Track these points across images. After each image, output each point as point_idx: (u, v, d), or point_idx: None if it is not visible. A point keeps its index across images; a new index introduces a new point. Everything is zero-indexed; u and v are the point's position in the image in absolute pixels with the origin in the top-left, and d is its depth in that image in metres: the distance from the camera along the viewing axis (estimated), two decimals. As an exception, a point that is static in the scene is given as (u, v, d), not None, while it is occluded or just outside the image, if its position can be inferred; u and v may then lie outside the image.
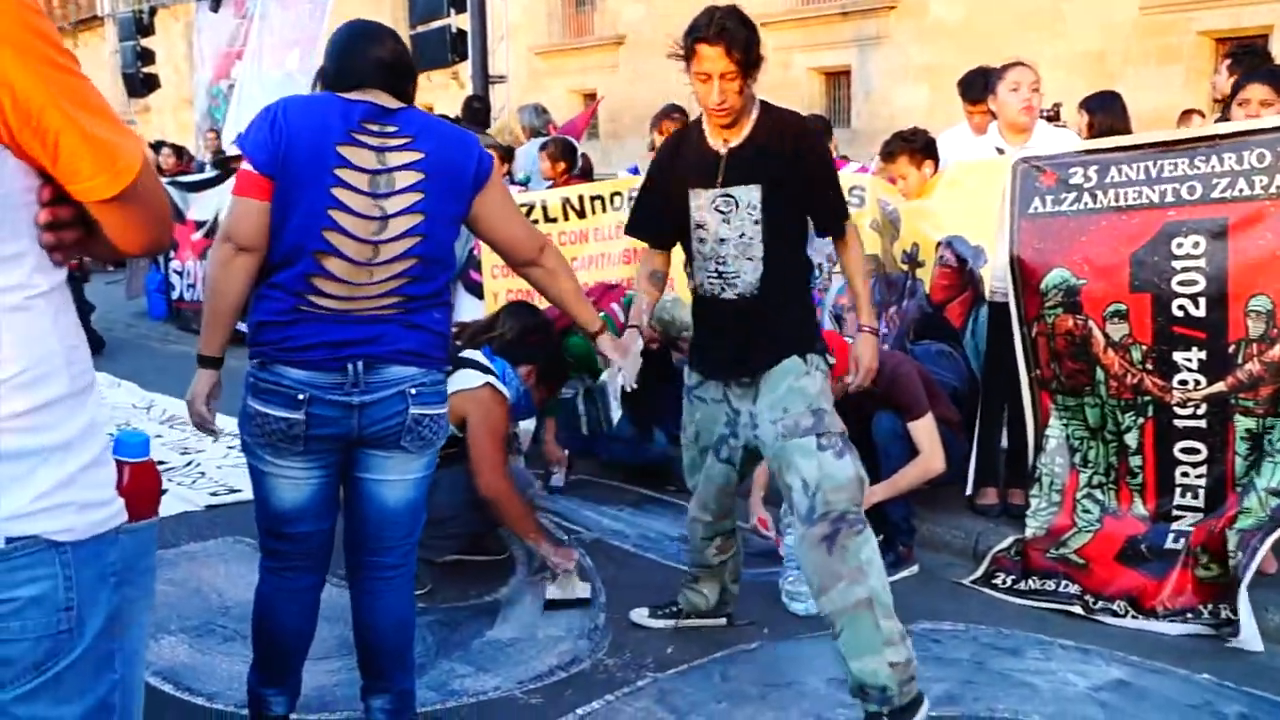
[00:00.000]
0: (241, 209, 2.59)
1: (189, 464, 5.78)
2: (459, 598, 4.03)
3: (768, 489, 4.45)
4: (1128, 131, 4.73)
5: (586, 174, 7.77)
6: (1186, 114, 8.51)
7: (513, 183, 7.20)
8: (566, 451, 5.46)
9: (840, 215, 3.28)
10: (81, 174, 1.35)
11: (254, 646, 2.92)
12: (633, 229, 3.59)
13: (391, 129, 2.63)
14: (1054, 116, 5.66)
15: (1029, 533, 4.10)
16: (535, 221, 6.32)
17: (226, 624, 3.76)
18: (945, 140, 5.20)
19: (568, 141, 7.47)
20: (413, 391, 2.67)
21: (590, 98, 18.29)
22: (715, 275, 3.20)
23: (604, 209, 6.19)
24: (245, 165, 2.60)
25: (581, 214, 6.25)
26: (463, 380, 3.85)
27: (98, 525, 1.48)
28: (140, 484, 1.63)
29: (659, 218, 3.39)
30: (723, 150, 3.15)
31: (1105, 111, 5.08)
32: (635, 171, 6.80)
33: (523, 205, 6.36)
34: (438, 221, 2.66)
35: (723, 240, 3.15)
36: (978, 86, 5.14)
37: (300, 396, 2.62)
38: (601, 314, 5.27)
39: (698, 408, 3.42)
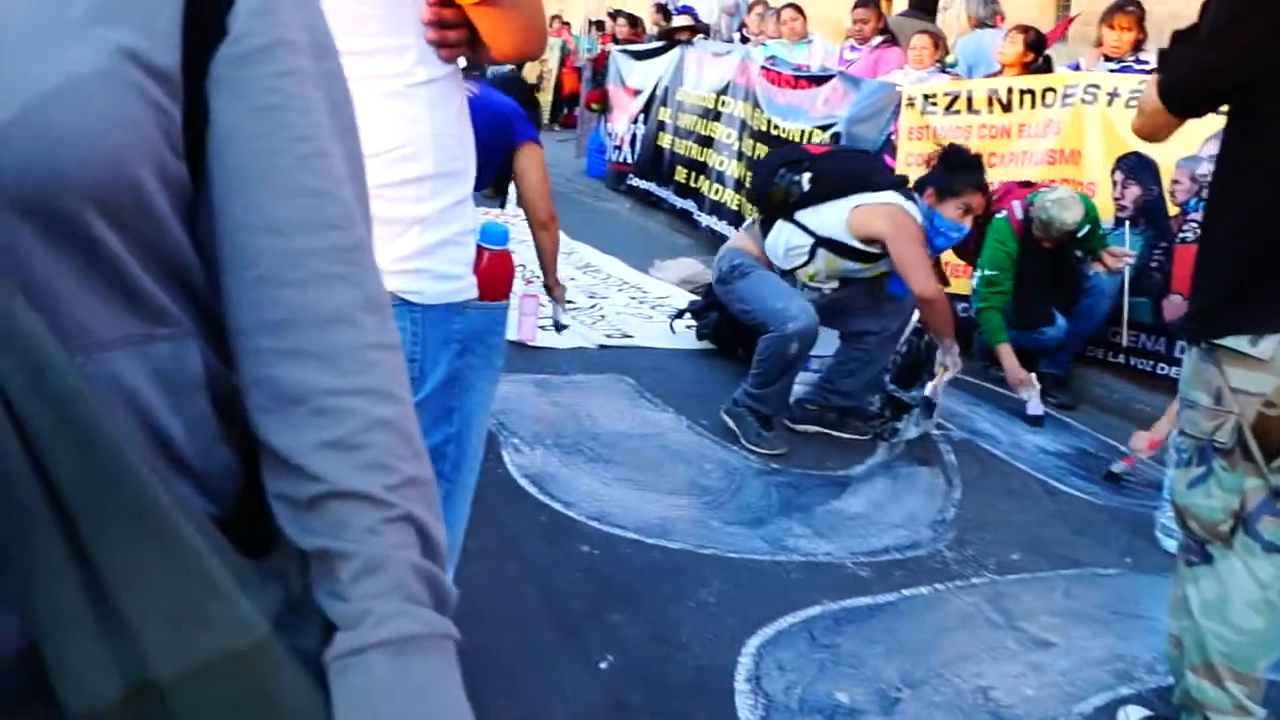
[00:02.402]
0: None
1: (594, 306, 6.17)
2: (814, 466, 4.08)
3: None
4: None
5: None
6: None
7: (943, 70, 6.89)
8: (1033, 375, 5.00)
9: None
10: None
11: None
12: None
13: None
14: None
15: None
16: (957, 111, 6.07)
17: (594, 447, 4.04)
18: None
19: (1042, 34, 6.96)
20: None
21: (1064, 4, 17.00)
22: None
23: (1033, 105, 5.80)
24: None
25: (1007, 108, 5.90)
26: (863, 198, 4.07)
27: (448, 295, 1.63)
28: (495, 269, 1.76)
29: None
30: None
31: None
32: (1075, 68, 6.29)
33: (947, 93, 6.14)
34: None
35: None
36: None
37: None
38: (1001, 212, 5.03)
39: None
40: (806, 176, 4.22)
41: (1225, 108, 2.24)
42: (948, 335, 4.12)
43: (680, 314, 5.60)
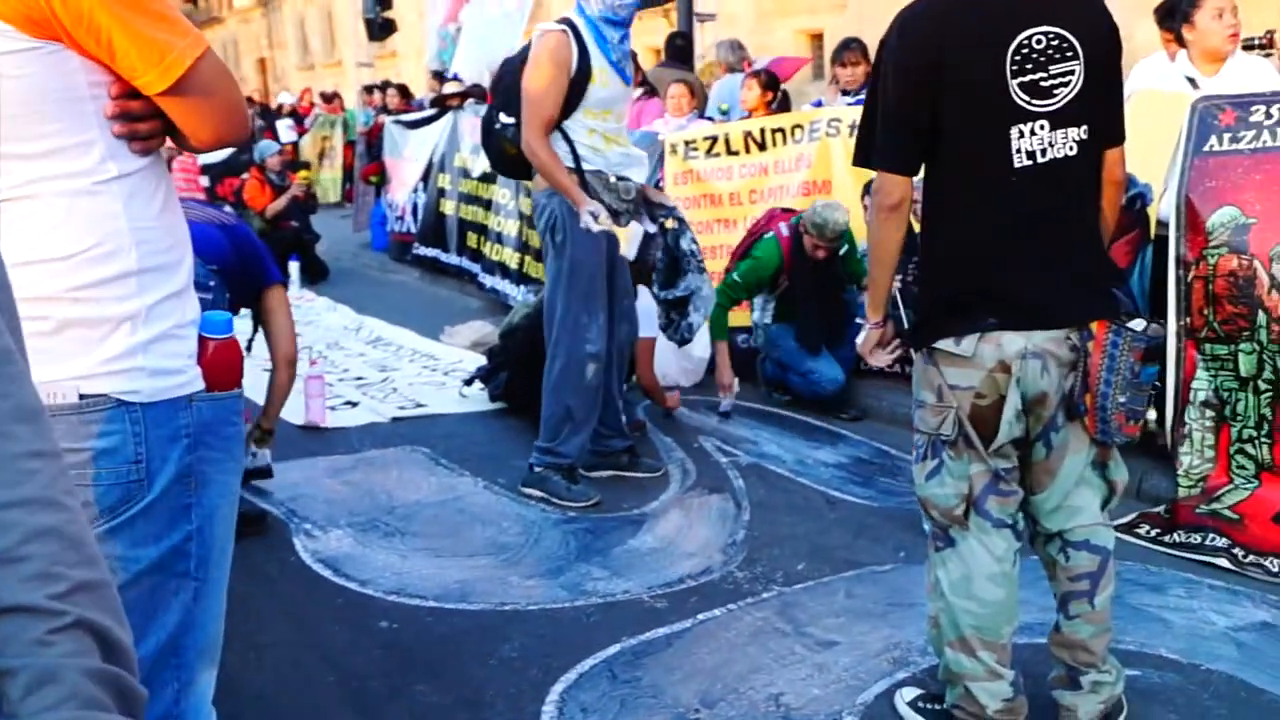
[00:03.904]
0: None
1: (384, 380, 6.18)
2: (609, 509, 4.19)
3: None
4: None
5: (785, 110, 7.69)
6: None
7: (700, 117, 7.22)
8: (736, 379, 5.50)
9: None
10: (136, 70, 1.51)
11: None
12: None
13: None
14: (1268, 44, 5.23)
15: (1181, 492, 3.86)
16: (717, 155, 6.37)
17: (390, 521, 4.06)
18: (1140, 69, 4.91)
19: (773, 74, 7.40)
20: None
21: (817, 38, 17.91)
22: None
23: (784, 141, 6.16)
24: None
25: (763, 146, 6.24)
26: None
27: (169, 390, 1.63)
28: (221, 358, 1.73)
29: None
30: None
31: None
32: (819, 104, 6.71)
33: (706, 138, 6.43)
34: None
35: None
36: (1173, 12, 4.82)
37: None
38: (769, 233, 5.33)
39: None
40: None
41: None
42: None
43: (470, 380, 5.66)
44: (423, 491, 4.39)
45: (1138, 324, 2.35)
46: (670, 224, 4.38)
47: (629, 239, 4.29)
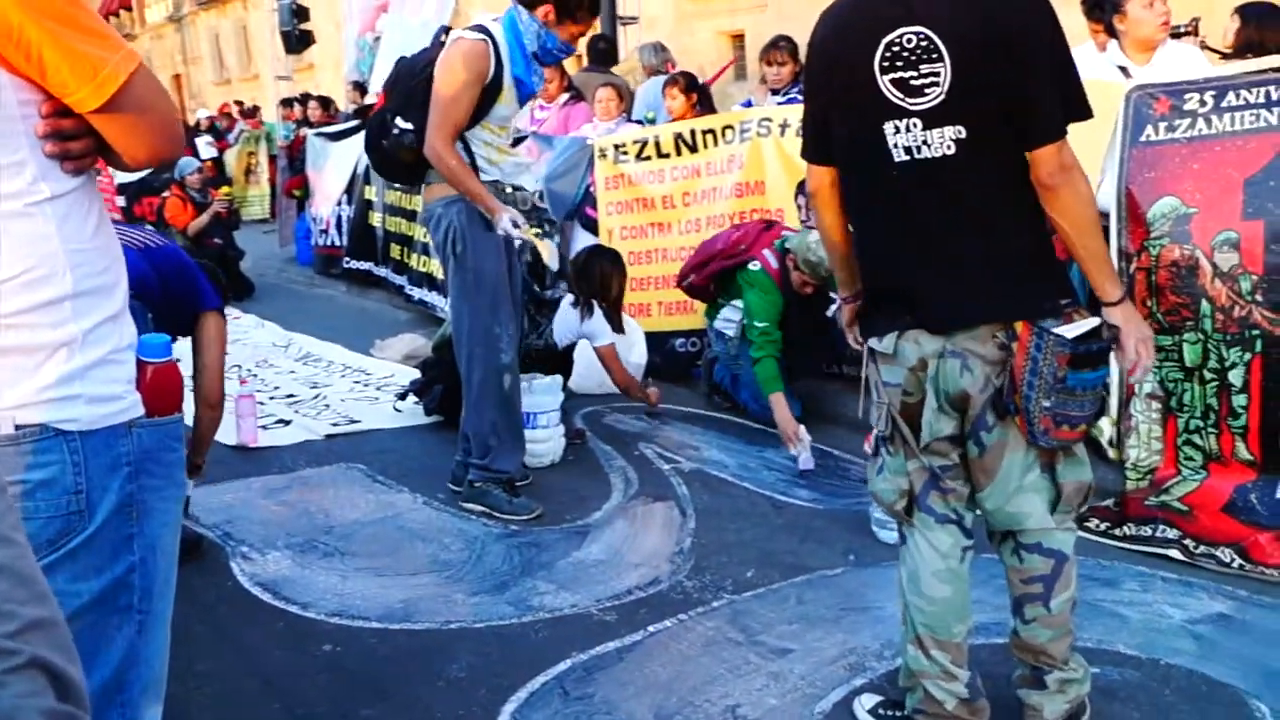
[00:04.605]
0: None
1: (316, 397, 6.03)
2: (553, 520, 4.12)
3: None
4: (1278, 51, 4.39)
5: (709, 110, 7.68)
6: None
7: (629, 120, 7.18)
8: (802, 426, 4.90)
9: None
10: (68, 87, 1.43)
11: None
12: None
13: None
14: (1192, 32, 5.32)
15: (1129, 485, 3.89)
16: (648, 158, 6.33)
17: (329, 541, 3.94)
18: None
19: (692, 75, 7.39)
20: None
21: (738, 39, 17.99)
22: None
23: (715, 143, 6.14)
24: None
25: (694, 148, 6.21)
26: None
27: (109, 417, 1.56)
28: (160, 382, 1.68)
29: None
30: None
31: (1259, 25, 4.71)
32: (749, 104, 6.71)
33: (636, 141, 6.38)
34: None
35: None
36: (1102, 3, 4.88)
37: None
38: (754, 262, 5.13)
39: None
40: None
41: None
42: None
43: (404, 394, 5.55)
44: (361, 509, 4.28)
45: (1073, 328, 2.30)
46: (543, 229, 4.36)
47: (550, 251, 4.25)
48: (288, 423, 5.49)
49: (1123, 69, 4.48)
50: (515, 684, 2.91)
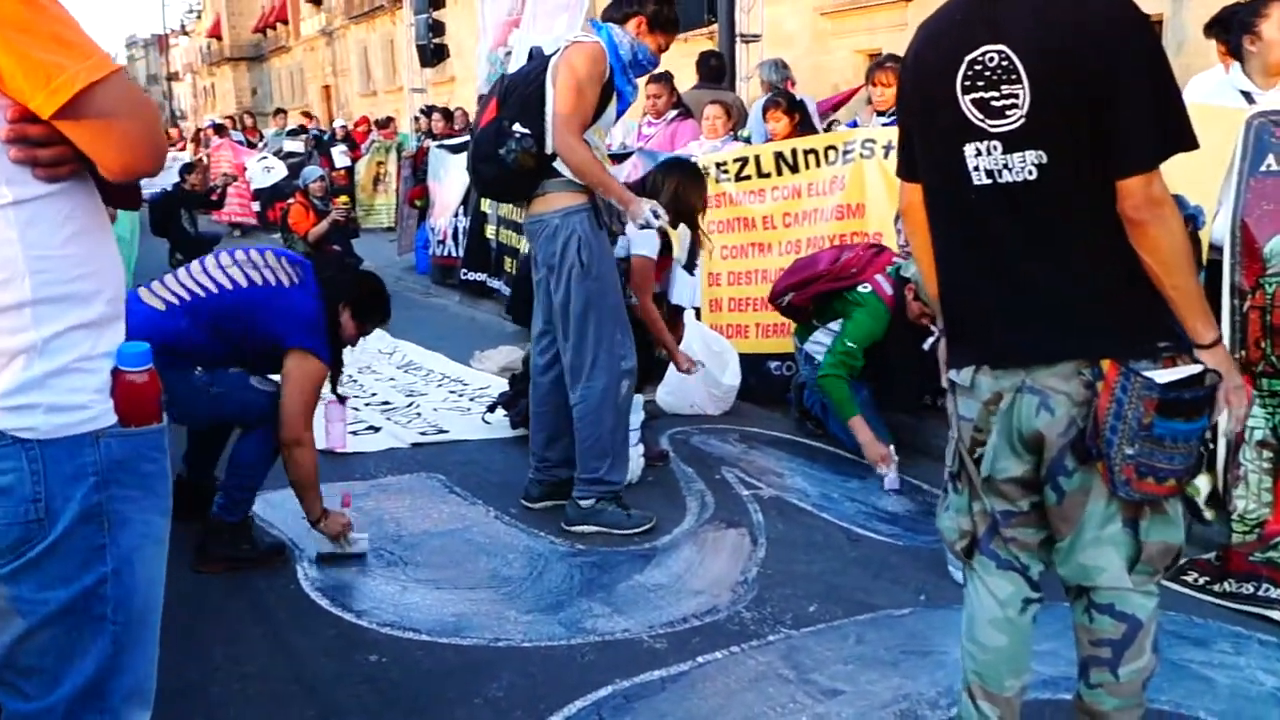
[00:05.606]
0: None
1: (410, 405, 6.09)
2: (620, 542, 4.05)
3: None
4: None
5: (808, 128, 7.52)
6: None
7: (735, 138, 7.09)
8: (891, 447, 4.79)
9: None
10: (24, 92, 1.42)
11: None
12: None
13: None
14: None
15: (1234, 538, 3.62)
16: (748, 177, 6.23)
17: (395, 550, 3.95)
18: (1194, 84, 4.70)
19: (791, 94, 7.27)
20: None
21: (875, 58, 17.73)
22: None
23: (818, 163, 6.00)
24: None
25: (795, 168, 6.08)
26: None
27: (71, 427, 1.54)
28: (134, 392, 1.63)
29: None
30: None
31: None
32: (854, 125, 6.55)
33: (736, 160, 6.29)
34: None
35: None
36: (1226, 22, 4.61)
37: None
38: (866, 286, 4.97)
39: None
40: None
41: None
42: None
43: (492, 408, 5.57)
44: (432, 520, 4.28)
45: (1168, 373, 2.10)
46: None
47: (681, 241, 4.18)
48: (378, 430, 5.55)
49: (1245, 94, 4.20)
50: (552, 708, 2.85)
